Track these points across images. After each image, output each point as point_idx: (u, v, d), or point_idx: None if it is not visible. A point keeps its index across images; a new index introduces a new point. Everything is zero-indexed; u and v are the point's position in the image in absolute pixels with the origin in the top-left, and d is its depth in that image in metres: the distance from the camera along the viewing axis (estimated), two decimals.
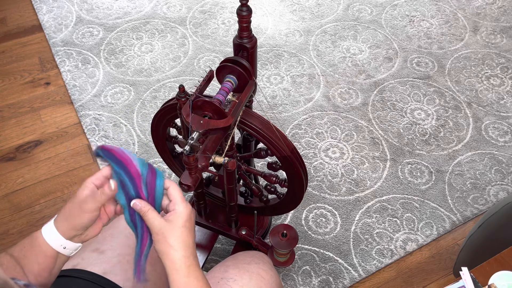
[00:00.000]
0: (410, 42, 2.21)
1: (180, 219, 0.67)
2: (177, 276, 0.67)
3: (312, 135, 1.81)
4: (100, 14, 2.31)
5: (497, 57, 2.15)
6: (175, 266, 0.66)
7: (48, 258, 0.69)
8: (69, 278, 0.84)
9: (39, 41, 2.20)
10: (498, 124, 1.87)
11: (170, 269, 0.67)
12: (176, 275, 0.67)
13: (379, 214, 1.59)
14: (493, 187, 1.67)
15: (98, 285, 0.85)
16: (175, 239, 0.67)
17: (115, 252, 0.92)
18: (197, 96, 0.88)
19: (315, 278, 1.44)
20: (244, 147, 1.25)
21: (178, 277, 0.67)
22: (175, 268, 0.66)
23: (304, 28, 2.26)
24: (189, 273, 0.67)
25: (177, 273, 0.67)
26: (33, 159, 1.75)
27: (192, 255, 0.68)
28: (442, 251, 1.52)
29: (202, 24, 2.27)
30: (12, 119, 1.89)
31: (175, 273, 0.67)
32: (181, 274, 0.67)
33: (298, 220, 1.57)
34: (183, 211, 0.68)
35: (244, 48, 0.99)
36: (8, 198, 1.64)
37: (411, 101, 1.95)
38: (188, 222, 0.68)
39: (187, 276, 0.67)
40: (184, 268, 0.67)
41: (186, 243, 0.67)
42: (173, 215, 0.68)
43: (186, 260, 0.67)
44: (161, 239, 0.67)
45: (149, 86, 1.98)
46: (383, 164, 1.73)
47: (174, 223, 0.67)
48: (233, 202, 1.22)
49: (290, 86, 2.00)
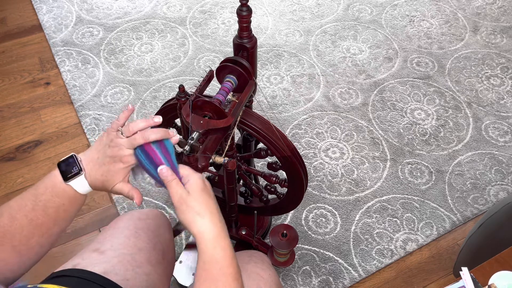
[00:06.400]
0: (410, 42, 2.21)
1: (196, 186, 0.69)
2: (204, 243, 0.67)
3: (312, 135, 1.81)
4: (100, 14, 2.31)
5: (497, 57, 2.15)
6: (204, 234, 0.67)
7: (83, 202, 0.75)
8: (69, 278, 0.84)
9: (39, 41, 2.20)
10: (498, 124, 1.87)
11: (198, 238, 0.67)
12: (205, 242, 0.67)
13: (379, 214, 1.59)
14: (493, 187, 1.67)
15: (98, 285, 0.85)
16: (198, 205, 0.67)
17: (116, 252, 0.92)
18: (197, 96, 0.88)
19: (315, 278, 1.44)
20: (244, 147, 1.25)
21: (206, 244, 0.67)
22: (204, 236, 0.67)
23: (304, 28, 2.26)
24: (216, 242, 0.67)
25: (205, 240, 0.67)
26: (33, 159, 1.75)
27: (219, 222, 0.68)
28: (442, 251, 1.52)
29: (202, 24, 2.27)
30: (12, 119, 1.89)
31: (204, 240, 0.67)
32: (209, 242, 0.67)
33: (298, 220, 1.57)
34: (197, 180, 0.70)
35: (244, 48, 0.99)
36: (8, 198, 1.63)
37: (411, 101, 1.95)
38: (205, 188, 0.70)
39: (214, 246, 0.67)
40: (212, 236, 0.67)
41: (210, 208, 0.68)
42: (189, 185, 0.69)
43: (214, 226, 0.67)
44: (185, 208, 0.68)
45: (149, 86, 1.98)
46: (383, 164, 1.73)
47: (193, 191, 0.68)
48: (233, 202, 1.22)
49: (290, 86, 2.00)
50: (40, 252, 0.73)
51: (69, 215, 0.73)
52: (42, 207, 0.71)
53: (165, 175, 0.70)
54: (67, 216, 0.73)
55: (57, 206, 0.72)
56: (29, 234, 0.70)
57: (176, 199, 0.68)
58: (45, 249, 0.74)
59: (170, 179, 0.69)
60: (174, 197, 0.69)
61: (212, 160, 0.99)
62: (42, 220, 0.71)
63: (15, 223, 0.70)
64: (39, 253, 0.73)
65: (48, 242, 0.73)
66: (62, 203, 0.72)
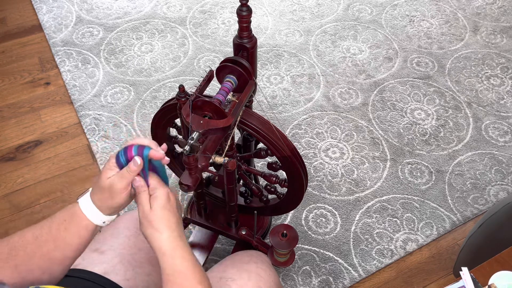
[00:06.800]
0: (410, 42, 2.21)
1: (159, 201, 0.71)
2: (164, 258, 0.70)
3: (312, 135, 1.81)
4: (100, 14, 2.31)
5: (497, 57, 2.15)
6: (162, 249, 0.70)
7: (89, 231, 0.72)
8: (70, 278, 0.84)
9: (39, 41, 2.20)
10: (498, 124, 1.87)
11: (157, 252, 0.70)
12: (163, 257, 0.70)
13: (379, 214, 1.59)
14: (493, 187, 1.67)
15: (99, 285, 0.85)
16: (158, 222, 0.70)
17: (116, 252, 0.92)
18: (197, 96, 0.88)
19: (315, 278, 1.44)
20: (244, 147, 1.25)
21: (165, 258, 0.70)
22: (162, 251, 0.70)
23: (304, 28, 2.26)
24: (175, 254, 0.70)
25: (164, 255, 0.70)
26: (33, 159, 1.75)
27: (177, 236, 0.71)
28: (442, 251, 1.52)
29: (202, 24, 2.27)
30: (12, 119, 1.89)
31: (162, 255, 0.70)
32: (168, 256, 0.70)
33: (298, 220, 1.57)
34: (161, 196, 0.71)
35: (244, 48, 0.99)
36: (8, 198, 1.64)
37: (411, 101, 1.95)
38: (168, 203, 0.72)
39: (173, 258, 0.70)
40: (170, 249, 0.70)
41: (169, 224, 0.71)
42: (153, 200, 0.71)
43: (172, 241, 0.70)
44: (147, 224, 0.71)
45: (149, 86, 1.98)
46: (383, 164, 1.73)
47: (155, 207, 0.71)
48: (233, 202, 1.22)
49: (290, 86, 2.00)
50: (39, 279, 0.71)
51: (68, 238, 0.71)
52: (48, 225, 0.71)
53: (137, 185, 0.72)
54: (67, 238, 0.71)
55: (59, 222, 0.71)
56: (31, 252, 0.69)
57: (140, 213, 0.72)
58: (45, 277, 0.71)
59: (141, 190, 0.72)
60: (139, 211, 0.72)
61: (212, 160, 0.99)
62: (45, 238, 0.70)
63: (22, 239, 0.70)
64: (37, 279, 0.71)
65: (49, 268, 0.71)
66: (64, 219, 0.71)
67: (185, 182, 0.90)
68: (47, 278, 0.72)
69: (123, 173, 0.70)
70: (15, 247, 0.69)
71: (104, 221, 0.73)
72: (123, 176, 0.70)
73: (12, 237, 0.71)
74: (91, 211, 0.71)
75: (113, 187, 0.70)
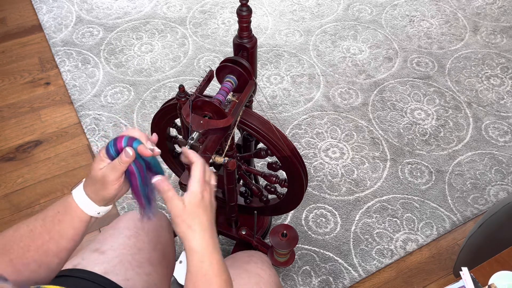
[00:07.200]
0: (410, 42, 2.21)
1: (193, 199, 0.69)
2: (191, 257, 0.69)
3: (312, 135, 1.81)
4: (100, 14, 2.31)
5: (497, 57, 2.15)
6: (192, 248, 0.68)
7: (83, 222, 0.72)
8: (70, 278, 0.84)
9: (39, 41, 2.20)
10: (498, 124, 1.87)
11: (187, 250, 0.69)
12: (191, 256, 0.69)
13: (379, 214, 1.59)
14: (493, 187, 1.67)
15: (99, 285, 0.85)
16: (191, 219, 0.68)
17: (116, 252, 0.92)
18: (197, 96, 0.88)
19: (315, 278, 1.44)
20: (244, 147, 1.25)
21: (192, 258, 0.69)
22: (192, 250, 0.68)
23: (304, 28, 2.26)
24: (204, 257, 0.69)
25: (192, 255, 0.69)
26: (33, 159, 1.75)
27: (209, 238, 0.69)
28: (442, 251, 1.52)
29: (202, 24, 2.27)
30: (12, 119, 1.89)
31: (191, 254, 0.69)
32: (196, 257, 0.68)
33: (298, 220, 1.57)
34: (195, 193, 0.69)
35: (244, 48, 0.99)
36: (8, 198, 1.64)
37: (411, 101, 1.95)
38: (201, 201, 0.70)
39: (202, 261, 0.69)
40: (200, 250, 0.68)
41: (202, 223, 0.69)
42: (187, 195, 0.69)
43: (202, 242, 0.69)
44: (180, 222, 0.69)
45: (149, 86, 1.98)
46: (383, 164, 1.73)
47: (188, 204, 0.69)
48: (233, 202, 1.22)
49: (290, 86, 2.00)
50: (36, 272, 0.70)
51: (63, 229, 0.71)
52: (42, 217, 0.71)
53: (162, 186, 0.69)
54: (61, 230, 0.70)
55: (54, 214, 0.71)
56: (25, 246, 0.69)
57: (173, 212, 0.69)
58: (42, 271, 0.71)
59: (167, 190, 0.69)
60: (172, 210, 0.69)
61: (212, 160, 0.99)
62: (40, 230, 0.70)
63: (17, 233, 0.70)
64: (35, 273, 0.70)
65: (44, 261, 0.70)
66: (57, 211, 0.71)
67: (185, 182, 0.90)
68: (44, 271, 0.71)
69: (115, 164, 0.69)
70: (9, 241, 0.69)
71: (99, 212, 0.72)
72: (115, 167, 0.69)
73: (6, 231, 0.70)
74: (85, 202, 0.71)
75: (105, 178, 0.69)
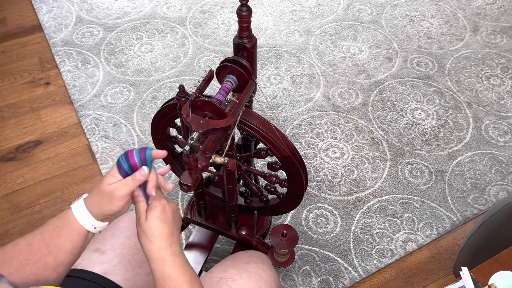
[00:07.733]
0: (410, 42, 2.21)
1: (154, 212, 0.72)
2: (154, 265, 0.72)
3: (312, 135, 1.81)
4: (100, 14, 2.31)
5: (497, 57, 2.15)
6: (152, 257, 0.71)
7: (81, 236, 0.73)
8: (70, 278, 0.84)
9: (39, 41, 2.20)
10: (498, 124, 1.87)
11: (148, 259, 0.72)
12: (154, 264, 0.71)
13: (379, 214, 1.59)
14: (493, 187, 1.67)
15: (99, 285, 0.85)
16: (150, 232, 0.72)
17: (116, 252, 0.92)
18: (197, 96, 0.88)
19: (315, 278, 1.44)
20: (244, 147, 1.25)
21: (155, 266, 0.71)
22: (152, 258, 0.71)
23: (304, 28, 2.26)
24: (164, 263, 0.71)
25: (154, 262, 0.71)
26: (33, 159, 1.75)
27: (168, 245, 0.72)
28: (442, 251, 1.52)
29: (202, 24, 2.27)
30: (12, 119, 1.89)
31: (151, 262, 0.72)
32: (158, 264, 0.71)
33: (298, 220, 1.57)
34: (156, 205, 0.73)
35: (244, 48, 0.99)
36: (8, 198, 1.64)
37: (411, 101, 1.95)
38: (162, 214, 0.73)
39: (163, 265, 0.71)
40: (159, 258, 0.71)
41: (161, 235, 0.72)
42: (149, 210, 0.73)
43: (162, 250, 0.71)
44: (140, 233, 0.73)
45: (149, 86, 1.98)
46: (383, 164, 1.73)
47: (149, 217, 0.72)
48: (233, 202, 1.22)
49: (290, 86, 2.00)
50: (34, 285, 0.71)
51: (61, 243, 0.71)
52: (41, 231, 0.72)
53: (135, 195, 0.74)
54: (60, 244, 0.71)
55: (52, 228, 0.71)
56: (24, 259, 0.69)
57: (136, 222, 0.74)
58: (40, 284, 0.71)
59: (139, 200, 0.74)
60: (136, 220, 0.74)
61: (212, 160, 0.99)
62: (38, 244, 0.70)
63: (15, 248, 0.71)
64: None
65: (42, 275, 0.71)
66: (56, 225, 0.71)
67: (185, 182, 0.90)
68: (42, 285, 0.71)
69: (127, 181, 0.71)
70: (7, 256, 0.70)
71: (95, 226, 0.73)
72: (127, 184, 0.71)
73: (5, 247, 0.71)
74: (83, 216, 0.72)
75: (114, 192, 0.70)
